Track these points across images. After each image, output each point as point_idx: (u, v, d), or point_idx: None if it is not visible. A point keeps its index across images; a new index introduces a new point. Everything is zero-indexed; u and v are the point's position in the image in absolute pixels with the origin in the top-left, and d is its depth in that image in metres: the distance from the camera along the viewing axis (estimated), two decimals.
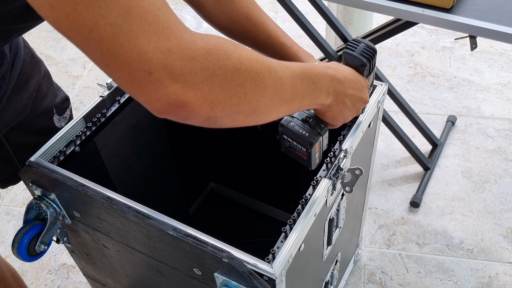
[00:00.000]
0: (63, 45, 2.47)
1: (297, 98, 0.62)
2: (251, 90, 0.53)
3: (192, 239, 0.75)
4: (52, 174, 0.87)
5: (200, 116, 0.51)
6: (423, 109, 2.01)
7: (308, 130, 0.76)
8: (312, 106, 0.69)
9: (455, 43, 2.29)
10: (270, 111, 0.58)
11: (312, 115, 0.78)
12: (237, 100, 0.52)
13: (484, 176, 1.76)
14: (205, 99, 0.49)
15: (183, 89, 0.48)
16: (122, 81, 0.48)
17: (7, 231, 1.69)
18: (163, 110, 0.49)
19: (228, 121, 0.54)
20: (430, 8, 1.22)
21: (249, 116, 0.56)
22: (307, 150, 0.77)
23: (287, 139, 0.79)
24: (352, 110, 0.77)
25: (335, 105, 0.72)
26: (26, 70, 0.89)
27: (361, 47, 0.78)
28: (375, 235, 1.62)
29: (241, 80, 0.52)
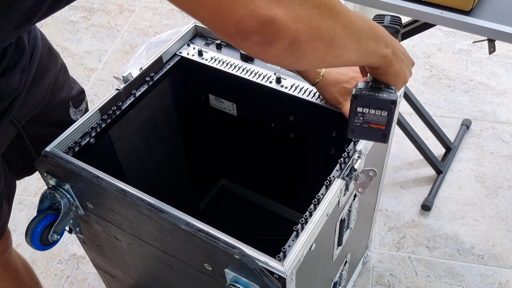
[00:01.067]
0: (79, 38, 2.48)
1: (363, 38, 0.62)
2: (326, 14, 0.54)
3: (204, 234, 0.75)
4: (67, 164, 0.87)
5: (287, 37, 0.51)
6: (437, 112, 1.99)
7: (384, 92, 0.74)
8: (376, 56, 0.68)
9: (472, 46, 2.27)
10: (345, 45, 0.58)
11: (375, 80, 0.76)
12: (316, 23, 0.53)
13: (497, 182, 1.74)
14: (290, 16, 0.50)
15: (268, 5, 0.49)
16: (207, 6, 0.48)
17: (20, 220, 1.71)
18: (253, 29, 0.49)
19: (310, 50, 0.54)
20: (449, 10, 1.21)
21: (328, 47, 0.56)
22: (389, 113, 0.74)
23: (361, 113, 0.75)
24: (408, 66, 0.76)
25: (395, 58, 0.71)
26: (43, 63, 0.89)
27: (387, 18, 0.80)
28: (385, 237, 1.61)
29: (315, 3, 0.53)
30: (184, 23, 2.53)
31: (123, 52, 2.39)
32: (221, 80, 1.17)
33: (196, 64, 1.15)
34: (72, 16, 2.61)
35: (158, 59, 1.12)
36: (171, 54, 1.15)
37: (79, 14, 2.62)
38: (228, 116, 1.28)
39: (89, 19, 2.59)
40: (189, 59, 1.15)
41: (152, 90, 1.11)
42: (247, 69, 1.10)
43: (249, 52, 0.53)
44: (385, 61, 0.70)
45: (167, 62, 1.14)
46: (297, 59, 0.55)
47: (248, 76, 1.09)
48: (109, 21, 2.57)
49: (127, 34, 2.48)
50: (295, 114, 1.14)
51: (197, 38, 1.19)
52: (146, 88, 1.09)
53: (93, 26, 2.55)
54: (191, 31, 1.19)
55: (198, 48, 1.15)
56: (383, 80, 0.75)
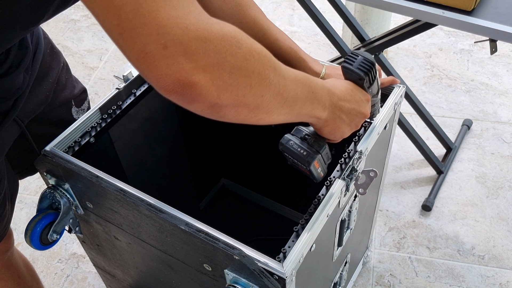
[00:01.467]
0: (80, 36, 2.48)
1: (297, 103, 0.62)
2: (257, 83, 0.54)
3: (204, 235, 0.75)
4: (66, 164, 0.87)
5: (206, 101, 0.50)
6: (438, 112, 1.99)
7: (306, 149, 0.77)
8: (310, 117, 0.69)
9: (474, 46, 2.26)
10: (272, 110, 0.58)
11: (311, 133, 0.78)
12: (243, 91, 0.53)
13: (498, 182, 1.74)
14: (214, 83, 0.49)
15: (194, 69, 0.48)
16: (134, 54, 0.47)
17: (20, 218, 1.71)
18: (171, 88, 0.48)
19: (231, 113, 0.54)
20: (451, 10, 1.21)
21: (252, 112, 0.56)
22: (306, 168, 0.78)
23: (288, 157, 0.79)
24: (350, 124, 0.76)
25: (331, 120, 0.72)
26: (46, 62, 0.89)
27: (358, 61, 0.78)
28: (385, 238, 1.61)
29: (249, 71, 0.52)
30: None
31: None
32: None
33: None
34: (73, 14, 2.61)
35: None
36: None
37: (80, 13, 2.62)
38: None
39: (90, 17, 2.59)
40: None
41: (153, 89, 1.11)
42: None
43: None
44: (319, 122, 0.72)
45: None
46: (218, 118, 0.55)
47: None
48: None
49: None
50: None
51: None
52: (146, 87, 1.08)
53: (94, 25, 2.54)
54: None
55: None
56: (318, 133, 0.77)
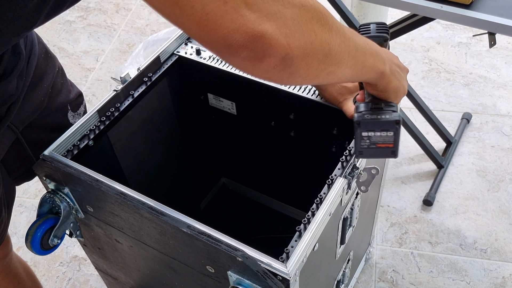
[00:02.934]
0: (76, 38, 2.47)
1: (359, 53, 0.60)
2: (319, 29, 0.52)
3: (206, 237, 0.74)
4: (66, 168, 0.86)
5: (277, 52, 0.49)
6: (437, 106, 1.98)
7: (386, 112, 0.73)
8: (374, 72, 0.66)
9: (472, 39, 2.26)
10: (339, 61, 0.56)
11: (375, 100, 0.75)
12: (309, 38, 0.51)
13: (499, 175, 1.73)
14: (281, 31, 0.48)
15: (259, 19, 0.47)
16: (195, 19, 0.46)
17: (20, 222, 1.70)
18: (242, 44, 0.47)
19: (303, 66, 0.52)
20: (449, 4, 1.20)
21: (321, 63, 0.54)
22: (395, 132, 0.73)
23: (367, 136, 0.74)
24: (404, 78, 0.74)
25: (392, 73, 0.69)
26: (41, 67, 0.88)
27: (373, 27, 0.78)
28: (387, 233, 1.61)
29: (308, 17, 0.51)
30: None
31: (120, 51, 2.37)
32: (220, 79, 1.16)
33: (194, 63, 1.14)
34: (69, 15, 2.60)
35: (156, 59, 1.10)
36: (168, 53, 1.14)
37: (75, 14, 2.60)
38: (227, 115, 1.27)
39: (85, 18, 2.57)
40: (187, 58, 1.14)
41: (151, 90, 1.10)
42: None
43: (238, 67, 0.51)
44: (383, 77, 0.68)
45: (165, 62, 1.13)
46: (289, 75, 0.53)
47: (247, 74, 1.08)
48: (105, 20, 2.55)
49: (124, 33, 2.47)
50: (295, 112, 1.13)
51: None
52: (144, 88, 1.07)
53: (90, 26, 2.53)
54: None
55: (196, 47, 1.14)
56: (382, 97, 0.74)
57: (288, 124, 1.17)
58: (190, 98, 1.27)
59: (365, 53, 0.62)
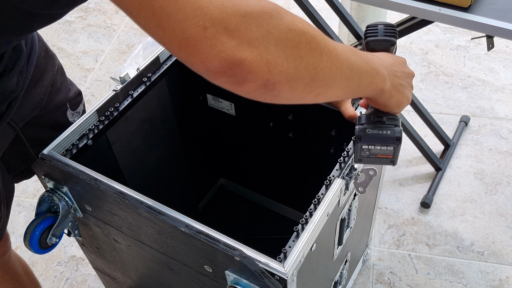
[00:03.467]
0: (75, 38, 2.47)
1: (354, 74, 0.59)
2: (306, 53, 0.51)
3: (204, 236, 0.74)
4: (64, 167, 0.87)
5: (257, 78, 0.48)
6: (436, 109, 1.99)
7: (387, 128, 0.73)
8: (372, 90, 0.65)
9: (470, 42, 2.27)
10: (329, 83, 0.56)
11: (378, 113, 0.75)
12: (293, 63, 0.50)
13: (496, 178, 1.74)
14: (262, 58, 0.48)
15: (239, 46, 0.46)
16: (175, 42, 0.46)
17: (18, 222, 1.70)
18: (219, 70, 0.47)
19: (286, 90, 0.51)
20: (447, 7, 1.20)
21: (307, 86, 0.53)
22: (395, 148, 0.74)
23: (367, 148, 0.75)
24: (408, 88, 0.73)
25: (394, 88, 0.68)
26: (41, 64, 0.89)
27: (381, 29, 0.76)
28: (385, 235, 1.61)
29: (295, 42, 0.50)
30: None
31: (119, 52, 2.38)
32: None
33: None
34: (68, 16, 2.60)
35: (155, 59, 1.11)
36: (168, 54, 1.14)
37: (75, 14, 2.61)
38: (226, 115, 1.27)
39: (85, 19, 2.58)
40: None
41: (150, 90, 1.10)
42: None
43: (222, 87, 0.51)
44: (382, 94, 0.68)
45: (164, 62, 1.13)
46: (272, 97, 0.52)
47: None
48: (105, 21, 2.56)
49: (123, 34, 2.47)
50: (294, 113, 1.13)
51: None
52: (143, 88, 1.08)
53: (89, 26, 2.53)
54: None
55: None
56: (385, 111, 0.73)
57: (286, 125, 1.18)
58: (189, 99, 1.27)
59: (361, 73, 0.61)
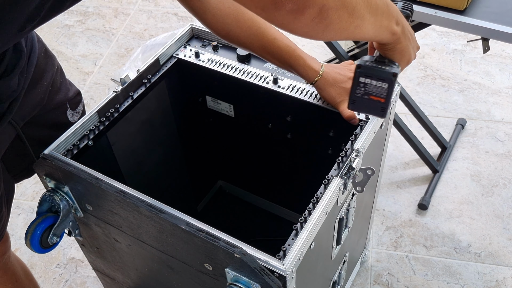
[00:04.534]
0: (74, 41, 2.48)
1: (378, 12, 0.67)
2: None
3: (204, 234, 0.75)
4: (66, 166, 0.87)
5: (316, 4, 0.56)
6: (432, 112, 2.01)
7: (387, 65, 0.78)
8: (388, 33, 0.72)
9: (466, 46, 2.29)
10: (364, 16, 0.63)
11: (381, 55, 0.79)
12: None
13: (493, 180, 1.75)
14: None
15: None
16: None
17: (17, 224, 1.70)
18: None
19: (336, 18, 0.59)
20: (443, 10, 1.22)
21: (350, 16, 0.61)
22: (389, 85, 0.77)
23: (363, 83, 0.78)
24: (413, 49, 0.80)
25: (403, 37, 0.75)
26: (40, 65, 0.90)
27: (399, 4, 0.82)
28: (383, 237, 1.62)
29: None
30: (179, 26, 2.54)
31: (118, 56, 2.39)
32: (218, 82, 1.17)
33: (193, 65, 1.15)
34: (67, 20, 2.61)
35: (155, 61, 1.12)
36: (168, 56, 1.15)
37: (74, 18, 2.62)
38: (225, 117, 1.28)
39: (84, 23, 2.59)
40: (186, 61, 1.15)
41: (150, 92, 1.11)
42: (244, 70, 1.11)
43: (280, 23, 0.57)
44: (394, 37, 0.74)
45: (164, 64, 1.14)
46: (324, 28, 0.59)
47: (245, 77, 1.10)
48: (104, 25, 2.57)
49: (122, 38, 2.49)
50: (292, 114, 1.14)
51: (194, 40, 1.20)
52: (143, 90, 1.09)
53: (88, 30, 2.54)
54: (188, 33, 1.19)
55: (195, 50, 1.16)
56: (389, 56, 0.78)
57: (285, 126, 1.19)
58: (188, 100, 1.29)
59: (383, 13, 0.69)
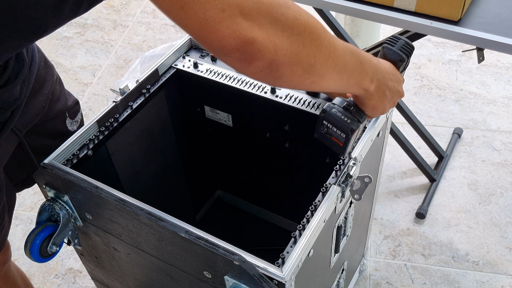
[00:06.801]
0: (73, 53, 2.50)
1: (346, 71, 0.66)
2: (308, 42, 0.58)
3: (204, 241, 0.76)
4: (66, 176, 0.88)
5: (266, 58, 0.55)
6: (429, 121, 2.02)
7: (350, 117, 0.78)
8: (357, 88, 0.72)
9: (462, 56, 2.31)
10: (324, 73, 0.62)
11: (352, 103, 0.80)
12: (297, 49, 0.57)
13: (490, 189, 1.76)
14: (270, 40, 0.54)
15: (251, 27, 0.53)
16: (196, 23, 0.52)
17: (15, 235, 1.70)
18: (234, 47, 0.53)
19: (288, 73, 0.58)
20: (438, 20, 1.24)
21: (306, 72, 0.59)
22: (346, 136, 0.79)
23: (326, 125, 0.81)
24: (390, 101, 0.80)
25: (377, 94, 0.75)
26: (41, 74, 0.91)
27: (400, 43, 0.82)
28: (381, 246, 1.62)
29: (300, 30, 0.57)
30: (178, 38, 2.56)
31: (117, 67, 2.40)
32: (217, 92, 1.19)
33: (192, 76, 1.16)
34: (66, 31, 2.63)
35: (154, 71, 1.13)
36: (167, 66, 1.17)
37: (73, 30, 2.64)
38: (223, 127, 1.29)
39: (83, 34, 2.61)
40: (185, 71, 1.17)
41: (149, 102, 1.12)
42: (242, 80, 1.12)
43: (231, 66, 0.57)
44: (365, 93, 0.74)
45: (163, 75, 1.15)
46: (275, 79, 0.59)
47: (243, 86, 1.11)
48: (103, 36, 2.59)
49: (121, 49, 2.50)
50: (290, 123, 1.15)
51: (192, 50, 1.21)
52: (142, 100, 1.10)
53: (87, 42, 2.56)
54: (186, 43, 1.21)
55: (194, 60, 1.17)
56: (360, 106, 0.79)
57: (283, 136, 1.20)
58: (187, 110, 1.30)
59: (353, 71, 0.68)
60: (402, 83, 0.82)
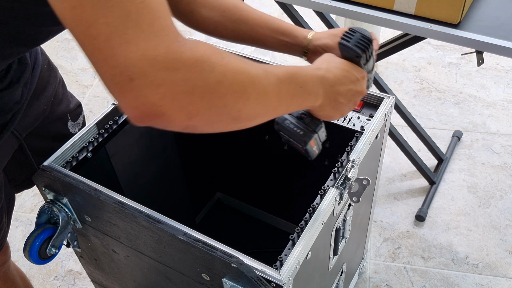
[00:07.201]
0: (73, 55, 2.50)
1: (282, 104, 0.63)
2: (232, 101, 0.53)
3: (202, 244, 0.76)
4: (65, 178, 0.88)
5: (177, 126, 0.51)
6: (429, 124, 2.02)
7: (303, 128, 0.76)
8: (302, 108, 0.70)
9: (461, 59, 2.31)
10: (253, 118, 0.58)
11: (307, 112, 0.77)
12: (216, 111, 0.52)
13: (489, 192, 1.76)
14: (183, 110, 0.50)
15: (161, 100, 0.48)
16: (105, 82, 0.49)
17: (15, 236, 1.70)
18: (140, 119, 0.49)
19: (208, 129, 0.55)
20: (438, 24, 1.24)
21: (230, 124, 0.56)
22: (302, 146, 0.77)
23: (283, 136, 0.79)
24: (348, 105, 0.76)
25: (327, 104, 0.72)
26: (44, 77, 0.91)
27: (356, 38, 0.76)
28: (380, 248, 1.62)
29: (222, 93, 0.52)
30: None
31: None
32: None
33: None
34: (67, 34, 2.63)
35: None
36: None
37: None
38: None
39: None
40: None
41: None
42: None
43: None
44: (314, 108, 0.72)
45: None
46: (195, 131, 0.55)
47: None
48: None
49: None
50: None
51: None
52: None
53: None
54: None
55: None
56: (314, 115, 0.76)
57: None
58: None
59: (292, 98, 0.64)
60: (362, 80, 0.77)
